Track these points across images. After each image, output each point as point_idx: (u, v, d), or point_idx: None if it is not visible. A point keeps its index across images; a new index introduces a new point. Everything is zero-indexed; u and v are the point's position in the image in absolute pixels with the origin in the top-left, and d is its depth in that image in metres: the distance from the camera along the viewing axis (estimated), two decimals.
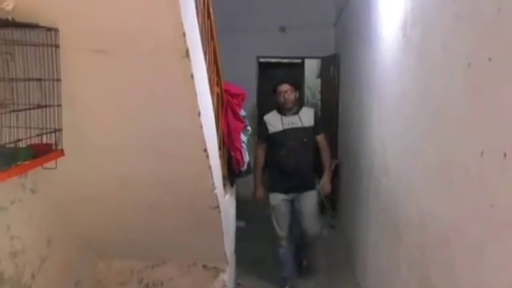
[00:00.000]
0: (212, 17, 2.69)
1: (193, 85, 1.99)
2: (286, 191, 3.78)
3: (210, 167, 2.43)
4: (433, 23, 2.01)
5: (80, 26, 1.81)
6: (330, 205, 5.62)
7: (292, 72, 8.00)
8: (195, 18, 2.10)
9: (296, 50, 6.25)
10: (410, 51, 2.32)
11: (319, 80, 7.13)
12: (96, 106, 2.08)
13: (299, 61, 7.88)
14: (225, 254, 3.23)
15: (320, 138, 3.86)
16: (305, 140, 3.72)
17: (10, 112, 1.66)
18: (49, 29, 1.75)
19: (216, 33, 2.84)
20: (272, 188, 3.84)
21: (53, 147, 1.81)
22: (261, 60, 6.82)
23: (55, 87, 1.77)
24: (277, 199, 3.80)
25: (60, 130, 1.81)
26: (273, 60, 7.38)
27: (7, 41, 1.70)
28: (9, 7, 1.65)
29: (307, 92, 8.08)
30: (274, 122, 3.75)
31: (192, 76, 1.94)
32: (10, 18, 1.65)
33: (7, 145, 1.65)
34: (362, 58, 3.80)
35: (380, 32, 3.01)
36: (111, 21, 1.78)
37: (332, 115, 5.61)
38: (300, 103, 3.90)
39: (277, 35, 6.14)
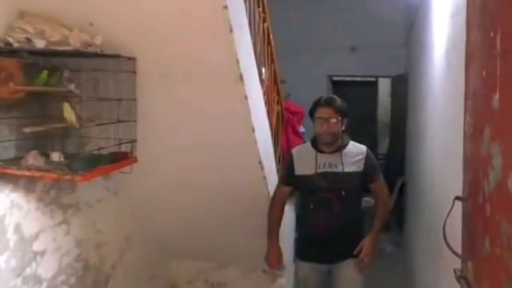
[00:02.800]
0: (273, 43, 2.98)
1: (247, 105, 2.29)
2: (317, 260, 2.68)
3: (264, 177, 2.71)
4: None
5: (153, 56, 2.19)
6: (396, 221, 5.64)
7: (365, 90, 8.10)
8: (250, 47, 2.40)
9: (367, 69, 6.38)
10: (450, 75, 2.44)
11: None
12: (166, 121, 2.45)
13: (373, 79, 7.96)
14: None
15: (376, 187, 2.70)
16: (344, 193, 2.53)
17: (96, 125, 2.06)
18: (129, 58, 2.14)
19: (277, 56, 3.14)
20: (298, 254, 2.81)
21: (129, 155, 2.19)
22: (335, 78, 7.01)
23: (131, 106, 2.16)
24: (305, 270, 2.74)
25: (134, 141, 2.19)
26: (347, 79, 7.53)
27: (96, 68, 2.11)
28: (99, 41, 2.07)
29: (380, 111, 8.11)
30: (305, 160, 2.59)
31: (246, 97, 2.25)
32: (99, 50, 2.06)
33: (92, 152, 2.06)
34: (423, 78, 3.89)
35: (433, 53, 3.13)
36: (178, 51, 2.14)
37: (400, 133, 5.66)
38: (345, 137, 2.62)
39: (348, 54, 6.32)
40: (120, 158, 2.14)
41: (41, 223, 2.25)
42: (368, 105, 8.05)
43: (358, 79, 7.75)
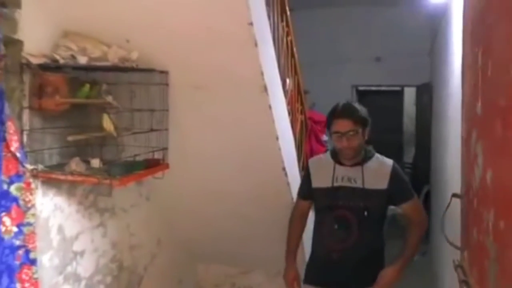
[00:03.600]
0: (296, 55, 3.12)
1: (271, 114, 2.42)
2: (326, 286, 2.34)
3: (288, 184, 2.83)
4: None
5: (184, 69, 2.35)
6: None
7: (391, 99, 8.13)
8: (274, 60, 2.55)
9: (392, 78, 6.45)
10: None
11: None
12: (195, 130, 2.61)
13: (398, 88, 8.00)
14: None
15: (408, 209, 2.28)
16: (366, 213, 2.21)
17: (131, 134, 2.23)
18: (161, 72, 2.31)
19: (300, 68, 3.27)
20: (306, 276, 2.48)
21: (161, 161, 2.35)
22: (360, 88, 7.10)
23: (164, 116, 2.32)
24: None
25: (166, 148, 2.35)
26: (373, 88, 7.61)
27: (132, 81, 2.29)
28: (134, 57, 2.25)
29: (406, 120, 8.14)
30: (322, 171, 2.34)
31: (270, 106, 2.39)
32: (135, 65, 2.23)
33: (128, 159, 2.23)
34: (445, 87, 3.95)
35: (453, 62, 3.20)
36: (207, 65, 2.30)
37: (425, 142, 5.70)
38: (369, 148, 2.33)
39: (372, 64, 6.42)
40: (153, 164, 2.30)
41: (81, 225, 2.43)
42: (394, 114, 8.08)
43: (384, 88, 7.82)
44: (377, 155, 2.34)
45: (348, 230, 2.24)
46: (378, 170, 2.26)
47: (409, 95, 7.92)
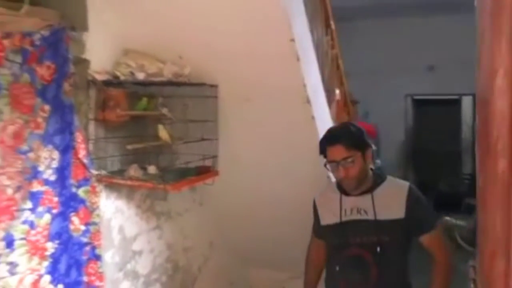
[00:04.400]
0: (341, 67, 3.23)
1: (314, 125, 2.55)
2: None
3: None
4: None
5: (233, 83, 2.53)
6: (467, 242, 5.50)
7: (448, 109, 7.96)
8: (317, 71, 2.67)
9: (447, 87, 6.37)
10: None
11: None
12: (243, 139, 2.77)
13: (456, 97, 7.82)
14: None
15: (428, 241, 1.94)
16: (379, 248, 1.88)
17: (184, 143, 2.43)
18: (211, 86, 2.50)
19: (347, 78, 3.37)
20: None
21: (211, 169, 2.53)
22: (416, 97, 7.04)
23: (214, 126, 2.51)
24: None
25: (216, 156, 2.53)
26: (429, 97, 7.49)
27: (185, 95, 2.50)
28: (187, 72, 2.45)
29: (464, 129, 7.93)
30: (329, 205, 2.05)
31: (313, 117, 2.51)
32: (187, 80, 2.44)
33: (181, 166, 2.43)
34: None
35: None
36: (253, 78, 2.47)
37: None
38: (378, 172, 2.04)
39: (426, 73, 6.36)
40: (204, 171, 2.49)
41: (139, 227, 2.65)
42: (452, 124, 7.90)
43: (440, 97, 7.69)
44: (390, 177, 2.01)
45: (365, 271, 1.89)
46: (392, 196, 1.91)
47: (467, 103, 7.73)
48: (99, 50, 2.34)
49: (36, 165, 1.95)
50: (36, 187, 1.95)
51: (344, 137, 1.91)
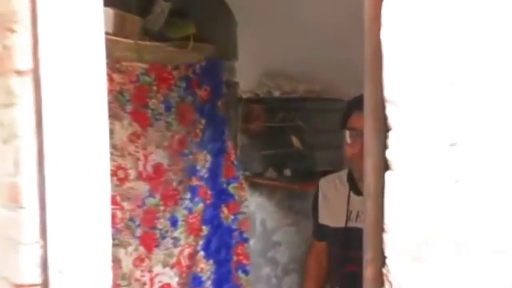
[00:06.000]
0: None
1: None
2: None
3: None
4: None
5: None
6: None
7: None
8: None
9: None
10: None
11: None
12: None
13: None
14: None
15: None
16: None
17: (315, 150, 2.82)
18: (337, 100, 2.84)
19: None
20: None
21: None
22: None
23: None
24: None
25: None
26: None
27: (316, 108, 2.88)
28: (318, 88, 2.84)
29: None
30: (333, 200, 1.73)
31: None
32: (318, 95, 2.82)
33: (312, 169, 2.82)
34: None
35: None
36: None
37: None
38: None
39: None
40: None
41: (278, 221, 3.11)
42: None
43: None
44: None
45: None
46: None
47: None
48: (246, 74, 2.87)
49: (194, 165, 2.54)
50: (194, 182, 2.54)
51: None
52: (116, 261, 2.20)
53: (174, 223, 2.43)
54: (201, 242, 2.55)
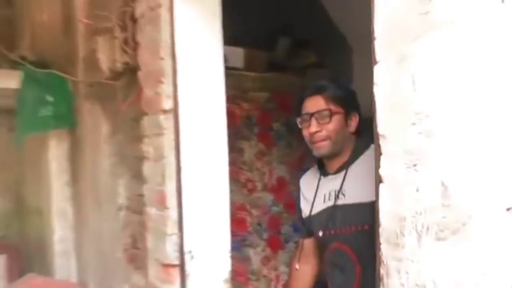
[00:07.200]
0: None
1: None
2: None
3: None
4: None
5: None
6: None
7: None
8: None
9: None
10: None
11: None
12: None
13: None
14: None
15: None
16: (359, 241, 1.40)
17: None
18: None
19: None
20: None
21: None
22: None
23: None
24: None
25: None
26: None
27: None
28: None
29: None
30: (310, 189, 1.62)
31: None
32: None
33: None
34: None
35: None
36: None
37: None
38: (360, 144, 1.48)
39: None
40: None
41: None
42: None
43: None
44: (368, 151, 1.42)
45: (348, 272, 1.46)
46: (368, 172, 1.21)
47: None
48: (359, 95, 3.11)
49: None
50: None
51: (328, 88, 1.49)
52: (247, 259, 2.62)
53: (295, 229, 2.77)
54: None
